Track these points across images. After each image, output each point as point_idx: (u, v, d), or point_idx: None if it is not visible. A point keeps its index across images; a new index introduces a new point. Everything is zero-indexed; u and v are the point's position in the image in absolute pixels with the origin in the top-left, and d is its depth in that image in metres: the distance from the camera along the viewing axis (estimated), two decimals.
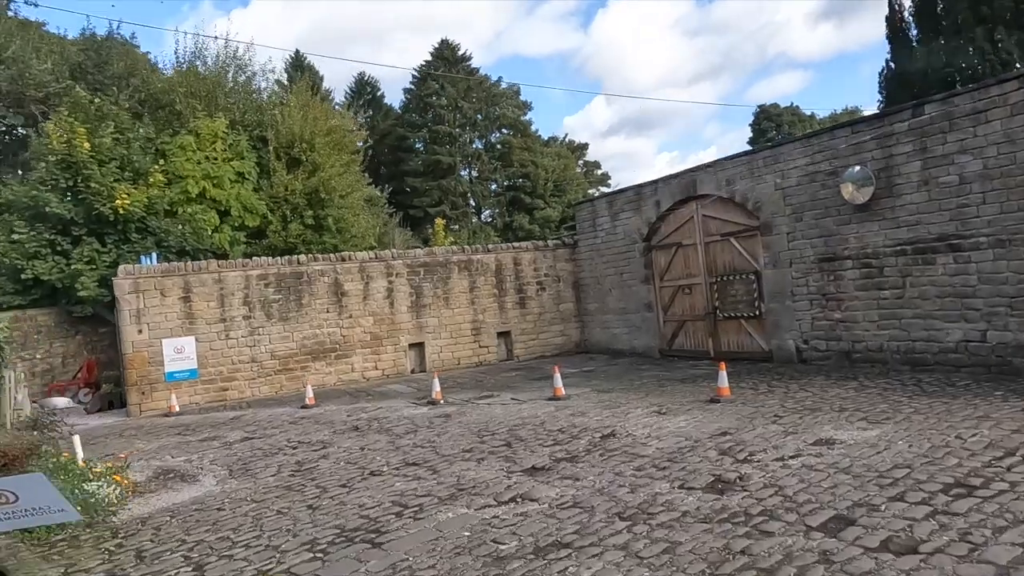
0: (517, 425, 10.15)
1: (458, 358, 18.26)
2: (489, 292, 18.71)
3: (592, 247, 19.07)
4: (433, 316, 18.04)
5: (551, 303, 19.42)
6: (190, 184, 20.86)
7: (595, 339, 19.32)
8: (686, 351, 16.50)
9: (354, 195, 23.94)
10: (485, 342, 18.60)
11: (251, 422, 12.89)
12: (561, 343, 19.45)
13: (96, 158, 19.22)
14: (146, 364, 15.27)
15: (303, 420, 12.52)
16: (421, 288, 17.94)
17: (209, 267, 16.02)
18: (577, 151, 59.49)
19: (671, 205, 16.40)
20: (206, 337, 15.79)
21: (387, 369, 17.51)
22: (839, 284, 12.76)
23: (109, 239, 19.44)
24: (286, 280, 16.62)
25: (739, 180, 14.55)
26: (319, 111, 24.22)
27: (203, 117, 21.90)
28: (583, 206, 19.64)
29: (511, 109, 53.28)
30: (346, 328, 17.11)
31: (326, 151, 23.36)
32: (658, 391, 12.10)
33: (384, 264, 17.63)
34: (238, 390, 16.05)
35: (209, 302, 15.88)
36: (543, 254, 19.47)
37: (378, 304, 17.48)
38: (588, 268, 19.31)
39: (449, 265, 18.31)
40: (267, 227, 22.14)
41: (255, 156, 22.68)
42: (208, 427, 12.74)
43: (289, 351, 16.55)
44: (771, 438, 7.99)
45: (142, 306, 15.33)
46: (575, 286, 19.69)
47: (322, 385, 16.78)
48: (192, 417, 14.23)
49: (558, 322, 19.46)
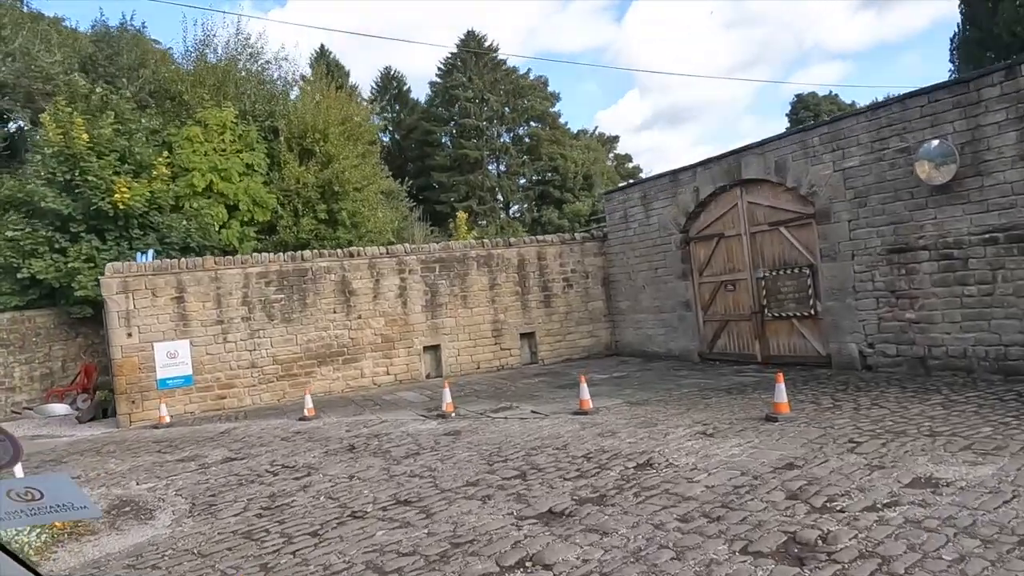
0: (535, 448, 8.51)
1: (477, 362, 16.67)
2: (511, 290, 17.08)
3: (623, 240, 17.33)
4: (450, 316, 16.47)
5: (579, 301, 17.73)
6: (196, 177, 19.58)
7: (627, 340, 17.58)
8: (729, 355, 14.69)
9: (370, 188, 22.46)
10: (507, 344, 16.98)
11: (240, 437, 11.43)
12: (589, 345, 17.76)
13: (95, 150, 18.00)
14: (136, 370, 13.93)
15: (297, 436, 11.02)
16: (437, 286, 16.38)
17: (205, 264, 14.63)
18: (608, 143, 57.58)
19: (712, 192, 14.59)
20: (202, 340, 14.41)
21: (400, 374, 15.98)
22: (912, 279, 10.88)
23: (110, 236, 18.22)
24: (289, 278, 15.17)
25: (791, 161, 12.71)
26: (333, 99, 22.78)
27: (211, 107, 20.61)
28: (613, 196, 17.90)
29: (539, 101, 51.54)
30: (355, 330, 15.62)
31: (340, 141, 21.93)
32: (701, 404, 10.36)
33: (396, 260, 16.09)
34: (237, 398, 14.65)
35: (205, 302, 14.50)
36: (570, 248, 17.78)
37: (390, 304, 15.96)
38: (619, 263, 17.58)
39: (467, 260, 16.71)
40: (278, 222, 20.77)
41: (265, 147, 21.34)
42: (193, 443, 11.31)
43: (292, 355, 15.10)
44: (852, 474, 6.24)
45: (132, 307, 13.98)
46: (605, 282, 17.98)
47: (328, 392, 15.31)
48: (181, 430, 12.83)
49: (586, 322, 17.76)
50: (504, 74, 50.34)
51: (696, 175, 14.96)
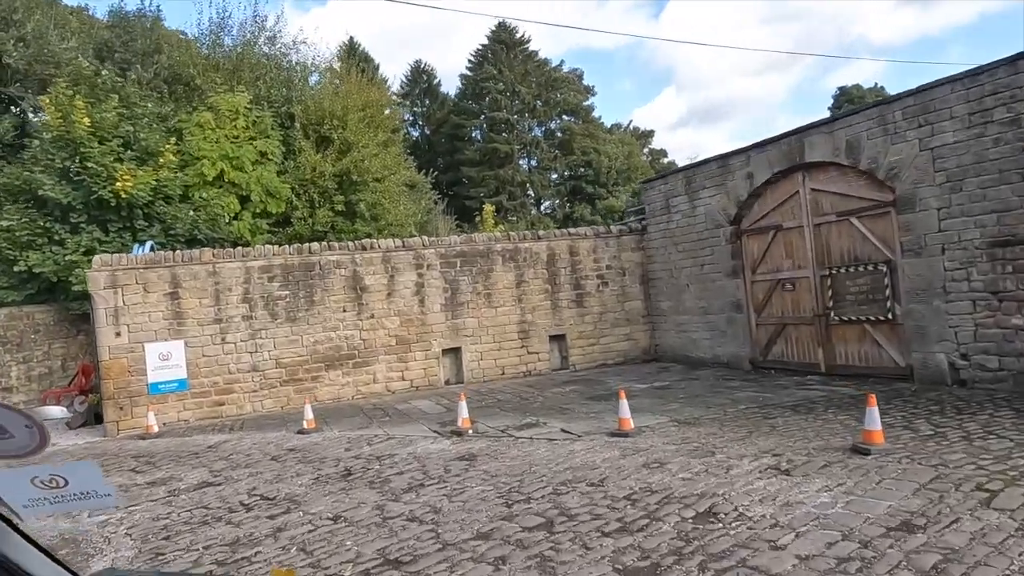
0: (566, 483, 6.83)
1: (502, 367, 15.01)
2: (540, 287, 15.40)
3: (665, 233, 15.53)
4: (472, 316, 14.84)
5: (614, 301, 15.98)
6: (206, 166, 18.21)
7: (668, 345, 15.79)
8: (786, 363, 12.85)
9: (392, 178, 20.92)
10: (535, 347, 15.30)
11: (227, 454, 9.93)
12: (626, 349, 16.00)
13: (96, 135, 16.72)
14: (125, 373, 12.54)
15: (289, 455, 9.47)
16: (458, 282, 14.76)
17: (202, 257, 13.19)
18: (643, 138, 55.52)
19: (768, 178, 12.75)
20: (197, 341, 12.97)
21: (416, 379, 14.39)
22: (1021, 278, 8.97)
23: (113, 227, 16.94)
24: (294, 272, 13.67)
25: (866, 140, 10.83)
26: (354, 83, 21.29)
27: (223, 92, 19.25)
28: (653, 184, 16.10)
29: (572, 94, 49.74)
30: (367, 331, 14.07)
31: (360, 128, 20.42)
32: (765, 427, 8.57)
33: (413, 254, 14.50)
34: (236, 405, 13.19)
35: (202, 299, 13.06)
36: (605, 242, 16.04)
37: (406, 302, 14.38)
38: (660, 259, 15.79)
39: (492, 255, 15.06)
40: (292, 214, 19.33)
41: (281, 135, 19.91)
42: (174, 460, 9.84)
43: (298, 358, 13.60)
44: (1004, 544, 4.47)
45: (121, 303, 12.59)
46: (643, 280, 16.20)
47: (337, 399, 13.79)
48: (168, 442, 11.39)
49: (623, 324, 16.01)
50: (536, 66, 48.63)
51: (750, 159, 13.12)
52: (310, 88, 21.40)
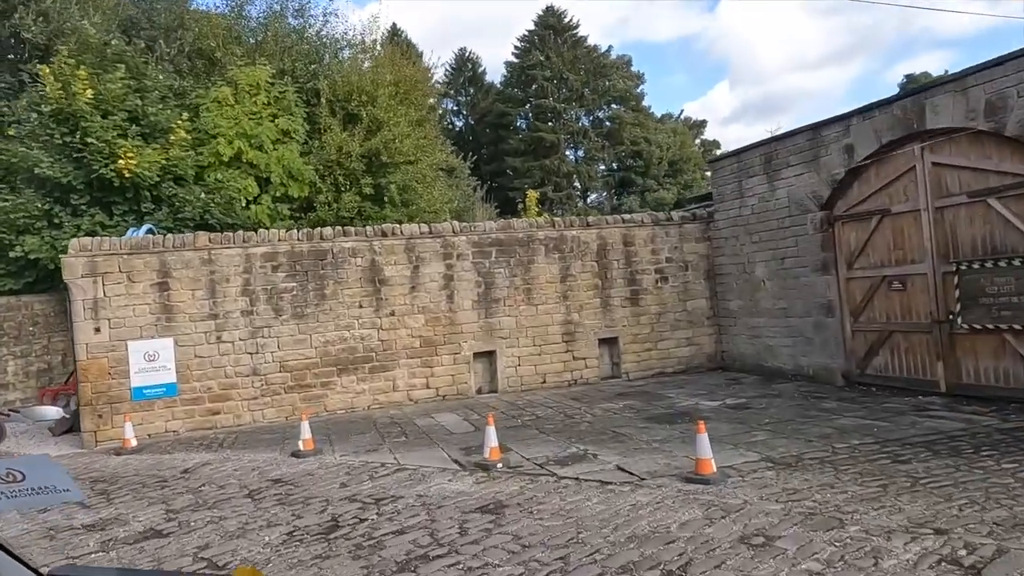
0: (630, 567, 4.60)
1: (542, 374, 12.79)
2: (588, 283, 13.12)
3: (736, 221, 13.08)
4: (509, 315, 12.65)
5: (675, 299, 13.60)
6: (221, 144, 16.39)
7: (737, 351, 13.35)
8: (891, 379, 10.34)
9: (426, 160, 18.84)
10: (581, 352, 13.03)
11: (200, 484, 7.92)
12: (687, 355, 13.61)
13: (99, 108, 15.00)
14: (105, 376, 10.68)
15: (270, 490, 7.41)
16: (492, 275, 12.58)
17: (196, 242, 11.25)
18: (695, 128, 52.54)
19: (874, 151, 10.23)
20: (189, 339, 11.05)
21: (443, 388, 12.26)
22: None
23: (117, 209, 15.22)
24: (303, 261, 11.66)
25: (1015, 98, 8.28)
26: (386, 57, 19.26)
27: (244, 65, 17.42)
28: (723, 163, 13.62)
29: (621, 81, 47.10)
30: (386, 330, 11.99)
31: (391, 105, 18.37)
32: (902, 476, 6.15)
33: (441, 241, 12.36)
34: (233, 414, 11.25)
35: (195, 291, 11.13)
36: (665, 231, 13.65)
37: (432, 297, 12.26)
38: (729, 251, 13.35)
39: (533, 244, 12.83)
40: (315, 198, 17.40)
41: (305, 112, 17.99)
42: (133, 491, 7.87)
43: (305, 360, 11.59)
44: None
45: (101, 295, 10.73)
46: (709, 276, 13.78)
47: (351, 408, 11.75)
48: (142, 460, 9.46)
49: (684, 326, 13.62)
50: (585, 52, 46.15)
51: (849, 129, 10.61)
52: (339, 62, 19.42)
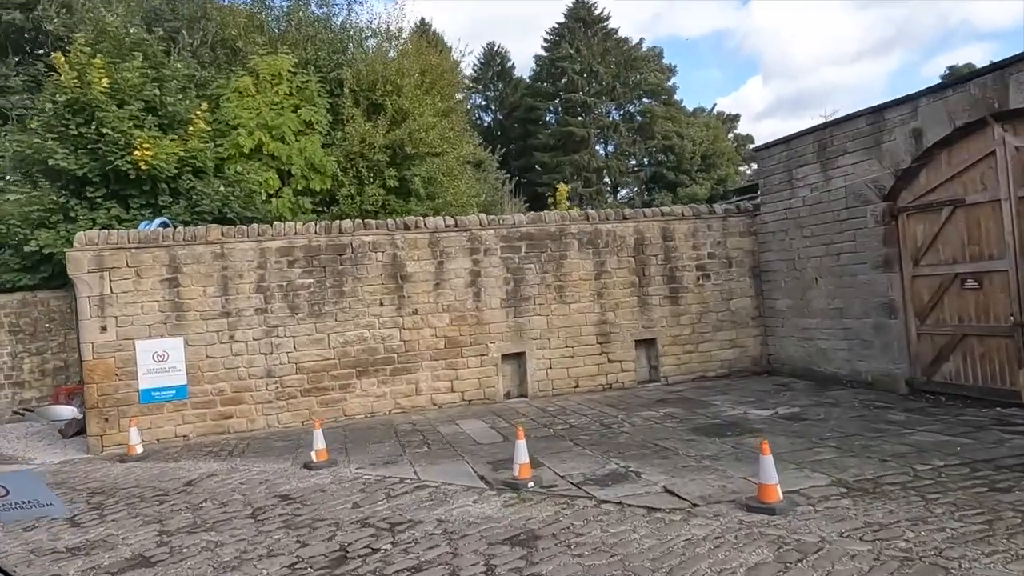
0: None
1: (575, 378, 11.89)
2: (625, 280, 12.19)
3: (786, 213, 12.05)
4: (539, 314, 11.77)
5: (717, 298, 12.61)
6: (242, 135, 15.74)
7: (786, 354, 12.32)
8: (965, 387, 9.28)
9: (452, 151, 18.02)
10: (617, 354, 12.11)
11: (201, 500, 7.17)
12: (731, 358, 12.61)
13: (115, 98, 14.42)
14: (112, 377, 10.03)
15: (276, 509, 6.63)
16: (522, 272, 11.71)
17: (208, 235, 10.54)
18: (728, 122, 51.06)
19: (945, 135, 9.17)
20: (200, 339, 10.36)
21: (468, 392, 11.43)
22: None
23: (134, 202, 14.65)
24: (320, 256, 10.89)
25: None
26: (411, 45, 18.47)
27: (266, 54, 16.76)
28: (770, 151, 12.57)
29: (653, 74, 45.87)
30: (409, 329, 11.19)
31: (417, 95, 17.59)
32: (1007, 508, 5.15)
33: (467, 235, 11.51)
34: (247, 418, 10.53)
35: (206, 287, 10.43)
36: (707, 225, 12.65)
37: (457, 295, 11.43)
38: (777, 245, 12.32)
39: (565, 238, 11.94)
40: (338, 191, 16.68)
41: (328, 102, 17.28)
42: (129, 506, 7.15)
43: (323, 362, 10.83)
44: None
45: (107, 291, 10.08)
46: (754, 273, 12.77)
47: (370, 413, 10.98)
48: (146, 469, 8.77)
49: (727, 327, 12.62)
50: (615, 44, 45.00)
51: (917, 111, 9.54)
52: (363, 52, 18.67)
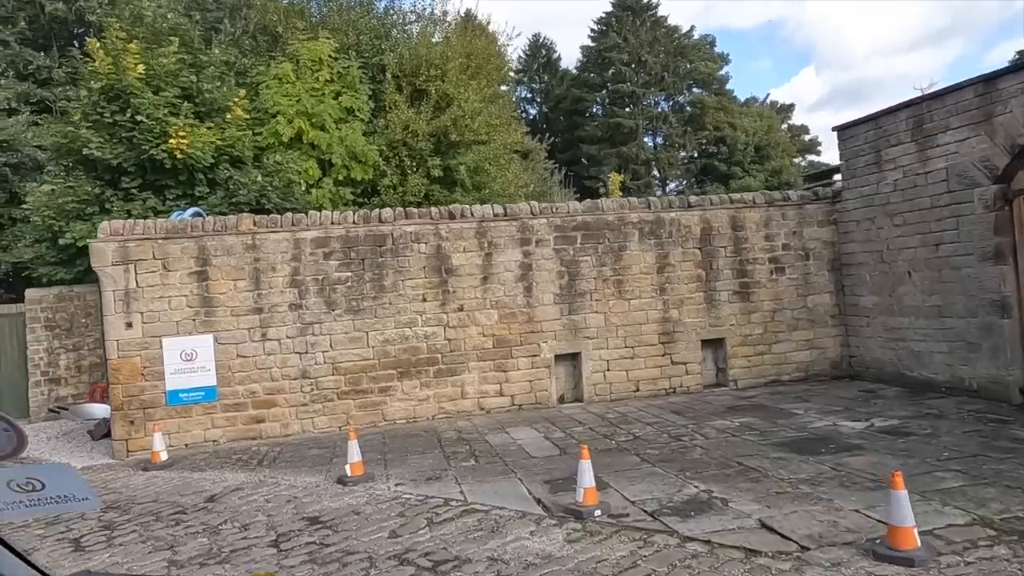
0: None
1: (635, 381, 10.78)
2: (690, 274, 11.03)
3: (872, 199, 10.72)
4: (596, 311, 10.69)
5: (793, 294, 11.35)
6: (281, 123, 15.01)
7: (871, 357, 11.00)
8: None
9: (499, 138, 17.02)
10: (681, 355, 10.95)
11: (220, 521, 6.30)
12: (807, 361, 11.34)
13: (151, 84, 13.79)
14: (138, 377, 9.30)
15: (303, 535, 5.71)
16: (577, 264, 10.65)
17: (239, 225, 9.74)
18: (782, 112, 48.98)
19: None
20: (231, 336, 9.56)
21: (519, 395, 10.42)
22: None
23: (171, 193, 14.01)
24: (359, 248, 10.00)
25: None
26: (455, 29, 17.52)
27: (306, 39, 16.00)
28: (855, 130, 11.23)
29: (704, 63, 44.18)
30: (454, 327, 10.23)
31: (463, 80, 16.63)
32: None
33: (518, 224, 10.49)
34: (280, 422, 9.71)
35: (237, 281, 9.63)
36: (781, 213, 11.40)
37: (507, 290, 10.42)
38: (862, 235, 11.00)
39: (624, 228, 10.83)
40: (380, 181, 15.83)
41: (370, 89, 16.44)
42: (143, 525, 6.33)
43: (361, 362, 9.93)
44: None
45: (133, 285, 9.35)
46: (834, 266, 11.46)
47: (412, 418, 10.05)
48: (168, 479, 7.97)
49: (804, 325, 11.36)
50: (665, 33, 43.45)
51: None
52: (407, 36, 17.80)
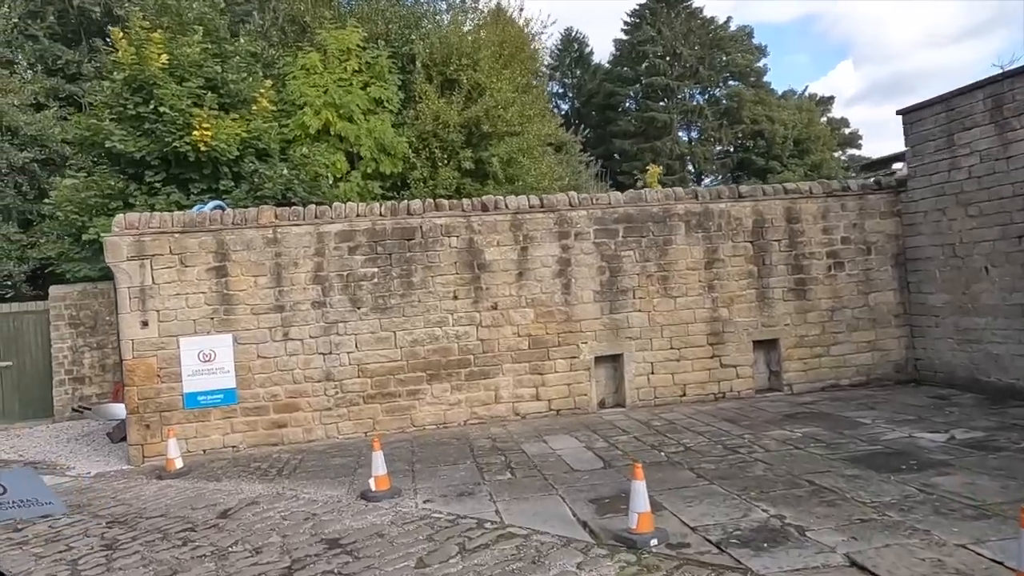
0: None
1: (681, 384, 9.97)
2: (741, 269, 10.18)
3: (943, 188, 9.77)
4: (639, 309, 9.91)
5: (853, 291, 10.44)
6: (307, 115, 14.47)
7: (940, 360, 10.04)
8: None
9: (532, 129, 16.29)
10: (731, 358, 10.12)
11: (231, 542, 5.67)
12: (868, 364, 10.41)
13: (175, 74, 13.33)
14: (154, 378, 8.76)
15: (323, 558, 5.04)
16: (619, 259, 9.87)
17: (260, 218, 9.15)
18: (822, 105, 47.45)
19: None
20: (251, 336, 8.98)
21: (556, 399, 9.69)
22: None
23: (195, 187, 13.54)
24: (386, 241, 9.35)
25: None
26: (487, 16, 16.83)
27: (334, 29, 15.44)
28: (922, 114, 10.24)
29: (741, 55, 42.93)
30: (487, 327, 9.52)
31: (494, 69, 15.93)
32: None
33: (555, 217, 9.75)
34: (303, 427, 9.10)
35: (258, 277, 9.04)
36: (840, 204, 10.48)
37: (543, 286, 9.69)
38: (930, 228, 10.05)
39: (670, 220, 10.02)
40: (409, 174, 15.21)
41: (398, 78, 15.83)
42: (145, 542, 5.73)
43: (389, 363, 9.29)
44: None
45: (148, 282, 8.81)
46: (898, 261, 10.52)
47: (443, 424, 9.38)
48: (181, 489, 7.40)
49: (865, 325, 10.43)
50: (700, 24, 42.30)
51: None
52: (437, 24, 17.17)
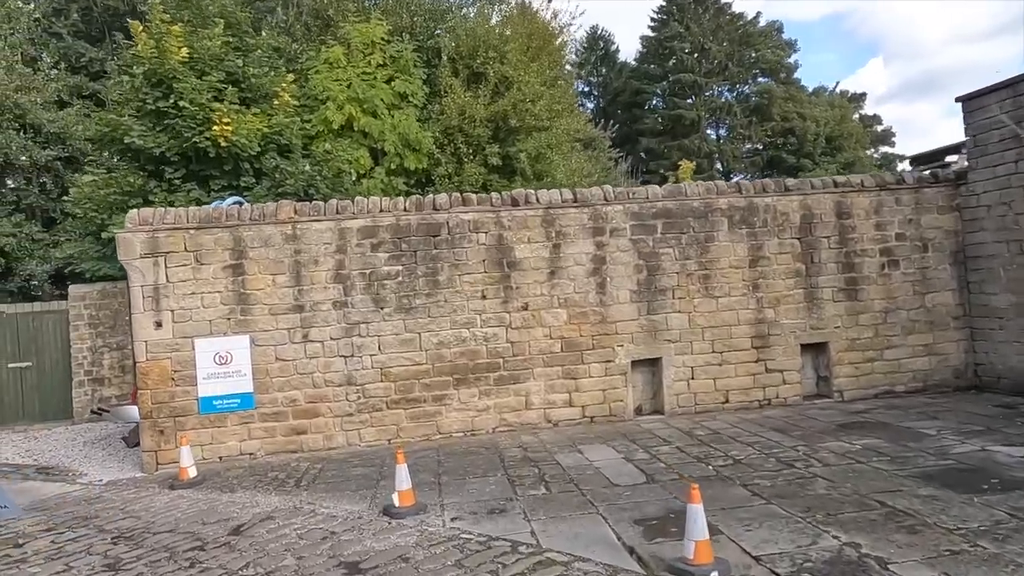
0: None
1: (724, 391, 9.33)
2: (787, 268, 9.51)
3: (1008, 181, 9.02)
4: (679, 310, 9.28)
5: (908, 291, 9.72)
6: (330, 110, 14.04)
7: (1004, 365, 9.29)
8: None
9: (560, 123, 15.72)
10: (777, 362, 9.45)
11: (243, 562, 5.15)
12: (925, 369, 9.68)
13: (195, 68, 12.95)
14: (168, 381, 8.33)
15: None
16: (657, 257, 9.26)
17: (278, 213, 8.67)
18: (854, 101, 46.25)
19: None
20: (269, 338, 8.51)
21: (591, 406, 9.09)
22: None
23: (215, 184, 13.15)
24: (411, 238, 8.83)
25: None
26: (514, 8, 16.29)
27: (358, 22, 15.00)
28: (984, 101, 9.46)
29: (771, 50, 41.95)
30: (517, 328, 8.97)
31: (522, 62, 15.38)
32: None
33: (589, 212, 9.16)
34: (323, 434, 8.61)
35: (276, 275, 8.58)
36: (894, 198, 9.76)
37: (577, 286, 9.11)
38: (993, 223, 9.30)
39: (712, 216, 9.39)
40: (435, 170, 14.71)
41: (424, 73, 15.34)
42: (150, 562, 5.24)
43: (413, 367, 8.77)
44: None
45: (163, 280, 8.41)
46: (957, 259, 9.78)
47: (470, 431, 8.83)
48: (193, 501, 6.92)
49: (921, 328, 9.70)
50: (728, 20, 41.40)
51: None
52: (463, 17, 16.67)
